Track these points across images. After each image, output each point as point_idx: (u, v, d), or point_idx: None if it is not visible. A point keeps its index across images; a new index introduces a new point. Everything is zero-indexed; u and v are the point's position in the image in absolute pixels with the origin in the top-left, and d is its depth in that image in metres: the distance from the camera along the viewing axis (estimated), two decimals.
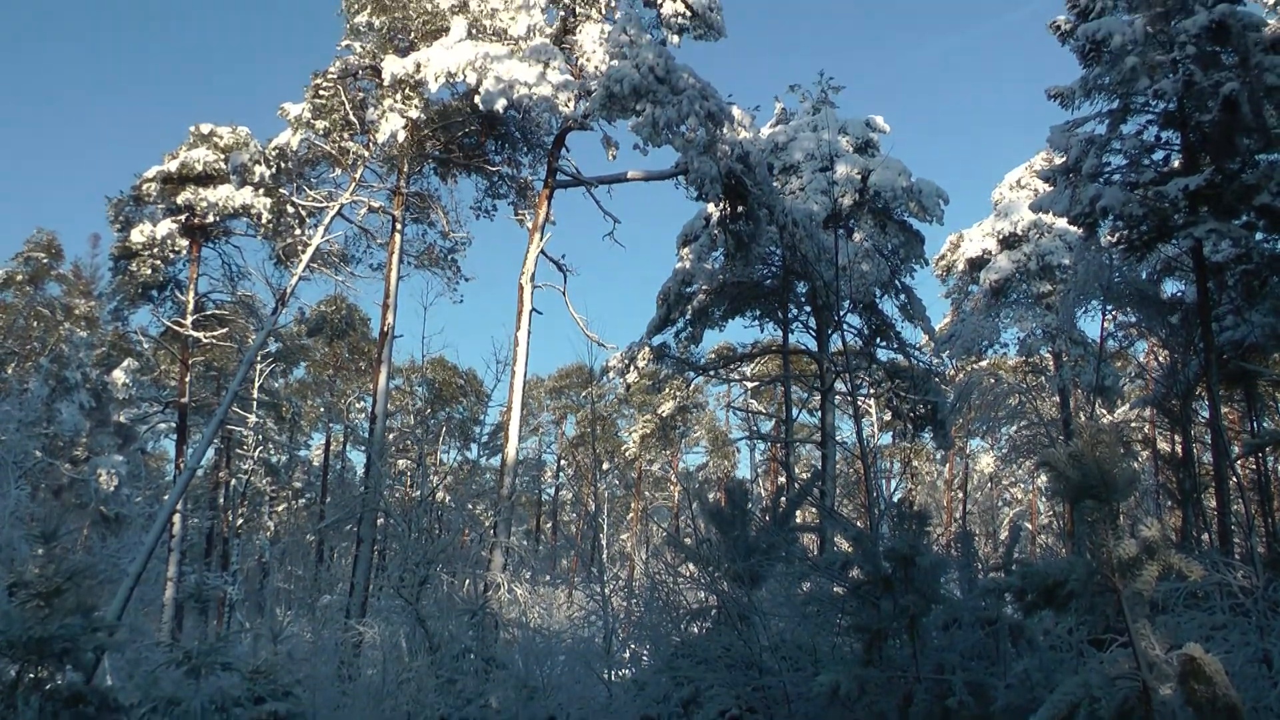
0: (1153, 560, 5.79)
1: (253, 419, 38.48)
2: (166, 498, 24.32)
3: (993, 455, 47.12)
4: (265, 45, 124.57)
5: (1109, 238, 18.14)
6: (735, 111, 24.12)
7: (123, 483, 31.52)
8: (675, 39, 24.42)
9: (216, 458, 41.50)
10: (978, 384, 29.79)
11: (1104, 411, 30.15)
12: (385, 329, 25.41)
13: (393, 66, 23.10)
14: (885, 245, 28.60)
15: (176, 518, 30.61)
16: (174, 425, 33.62)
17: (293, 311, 35.21)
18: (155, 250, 30.79)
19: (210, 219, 30.94)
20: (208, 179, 31.11)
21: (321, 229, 24.51)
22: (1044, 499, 45.95)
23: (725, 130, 23.13)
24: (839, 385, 28.40)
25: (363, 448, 44.04)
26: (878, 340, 29.00)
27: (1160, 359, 23.64)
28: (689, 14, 24.12)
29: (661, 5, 24.15)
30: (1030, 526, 44.97)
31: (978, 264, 33.69)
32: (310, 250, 24.15)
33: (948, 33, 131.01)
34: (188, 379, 32.67)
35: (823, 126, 29.22)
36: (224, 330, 32.55)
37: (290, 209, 28.21)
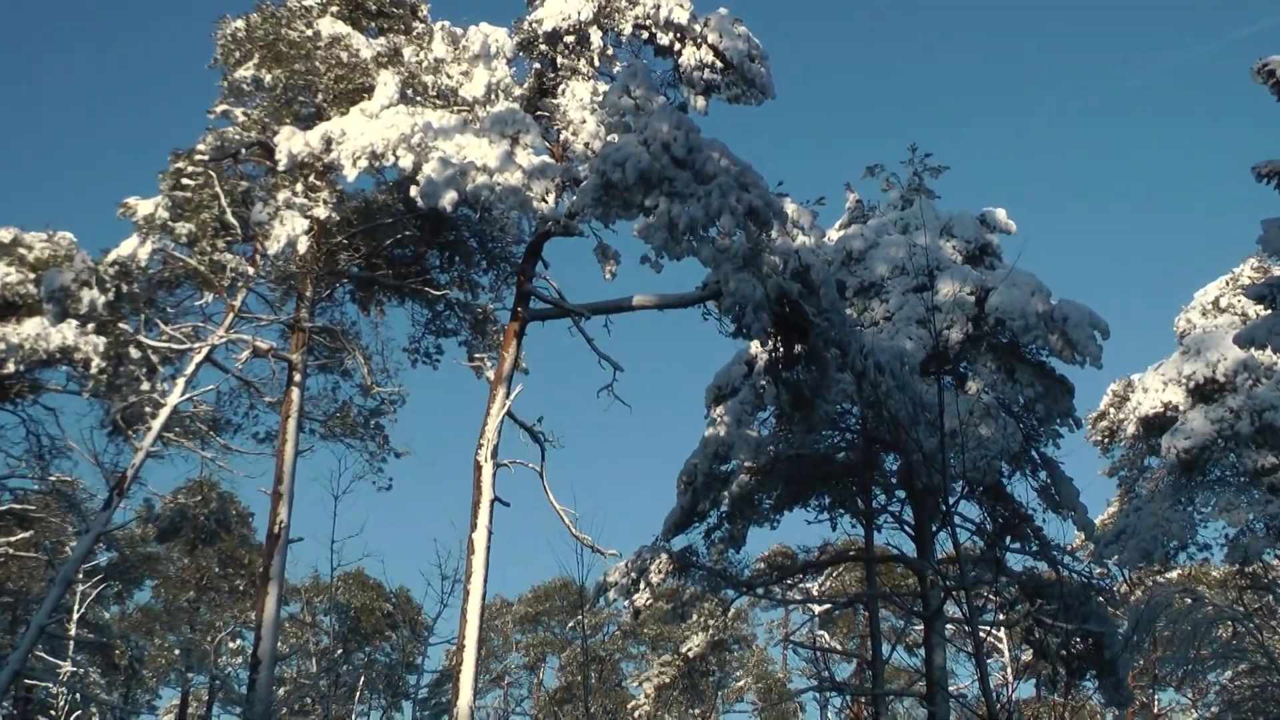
0: None
1: (68, 668, 37.56)
2: None
3: (1196, 716, 45.77)
4: (103, 115, 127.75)
5: None
6: (789, 207, 24.12)
7: None
8: (700, 101, 24.65)
9: None
10: (1165, 606, 29.09)
11: None
12: (276, 529, 24.96)
13: (291, 143, 23.31)
14: (1014, 399, 28.27)
15: None
16: None
17: (136, 504, 34.68)
18: None
19: (11, 368, 30.72)
20: (8, 309, 30.97)
21: (182, 382, 24.29)
22: None
23: (775, 234, 23.06)
24: (951, 608, 27.70)
25: (238, 709, 42.86)
26: (1007, 540, 28.52)
27: None
28: (720, 66, 24.44)
29: (680, 54, 24.47)
30: None
31: (1157, 425, 33.26)
32: (164, 414, 23.89)
33: (1090, 87, 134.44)
34: None
35: (917, 226, 29.26)
36: (27, 534, 32.02)
37: (135, 353, 28.01)
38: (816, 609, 42.38)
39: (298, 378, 25.74)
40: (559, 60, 25.11)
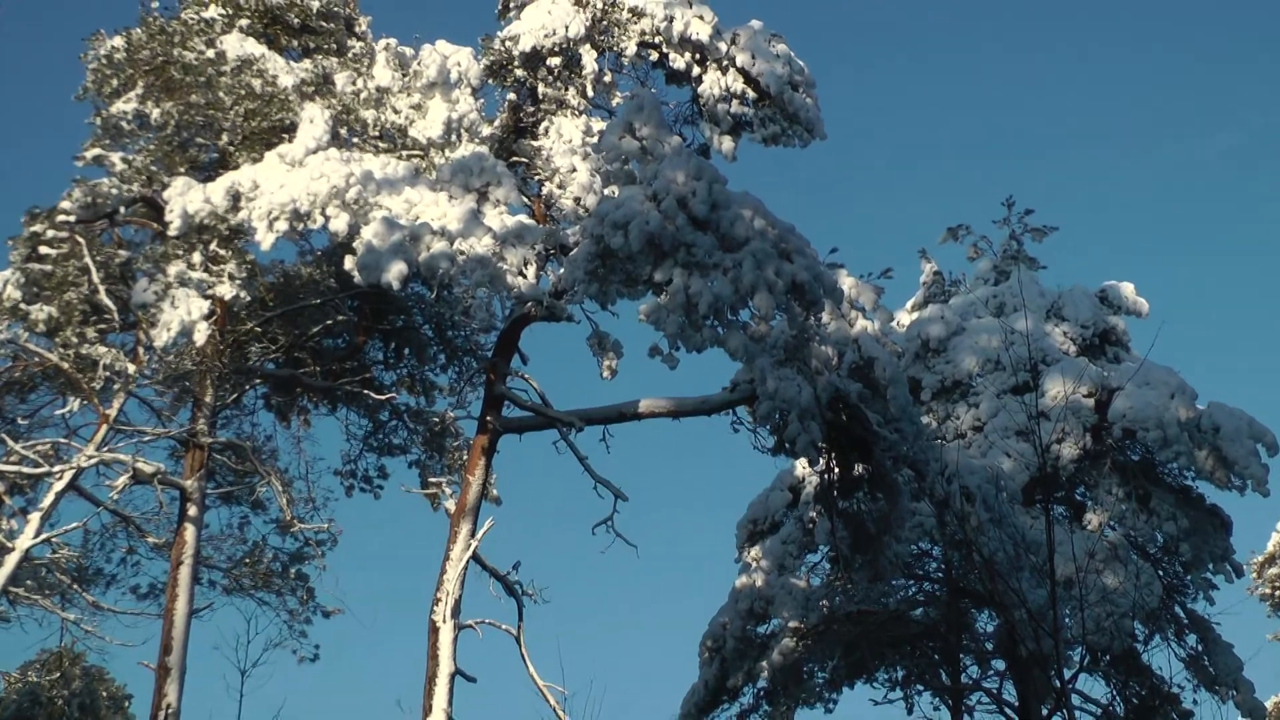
0: None
1: None
2: None
3: None
4: None
5: None
6: (845, 281, 24.05)
7: None
8: (727, 143, 24.67)
9: None
10: None
11: None
12: (163, 716, 24.54)
13: (186, 200, 23.15)
14: (1150, 536, 28.26)
15: None
16: None
17: None
18: None
19: None
20: None
21: (36, 519, 23.95)
22: None
23: (826, 317, 23.04)
24: None
25: None
26: None
27: None
28: (753, 97, 24.52)
29: (700, 80, 24.50)
30: None
31: None
32: (12, 561, 23.55)
33: (1246, 119, 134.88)
34: None
35: (1016, 305, 29.33)
36: None
37: None
38: None
39: (193, 511, 25.31)
40: (540, 89, 25.16)
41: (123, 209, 24.81)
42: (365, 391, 27.16)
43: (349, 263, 22.48)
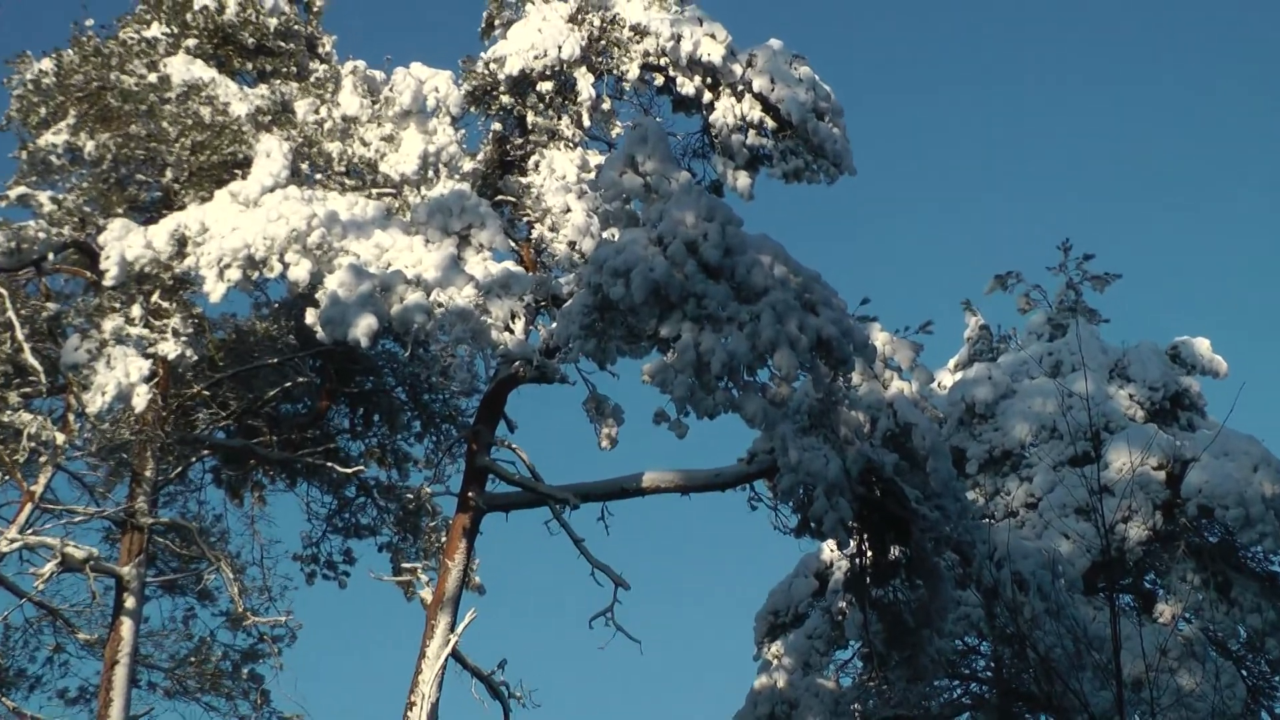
0: None
1: None
2: None
3: None
4: None
5: None
6: (878, 337, 23.96)
7: None
8: (743, 179, 24.61)
9: None
10: None
11: None
12: None
13: (125, 245, 23.07)
14: (1231, 630, 28.05)
15: None
16: None
17: None
18: None
19: None
20: None
21: None
22: None
23: (858, 378, 22.93)
24: None
25: None
26: None
27: None
28: (772, 126, 24.43)
29: (712, 108, 24.45)
30: None
31: None
32: None
33: None
34: None
35: (1075, 364, 29.19)
36: None
37: None
38: None
39: (131, 603, 25.01)
40: (530, 118, 25.13)
41: (51, 255, 24.61)
42: (329, 464, 26.95)
43: (311, 316, 22.43)
